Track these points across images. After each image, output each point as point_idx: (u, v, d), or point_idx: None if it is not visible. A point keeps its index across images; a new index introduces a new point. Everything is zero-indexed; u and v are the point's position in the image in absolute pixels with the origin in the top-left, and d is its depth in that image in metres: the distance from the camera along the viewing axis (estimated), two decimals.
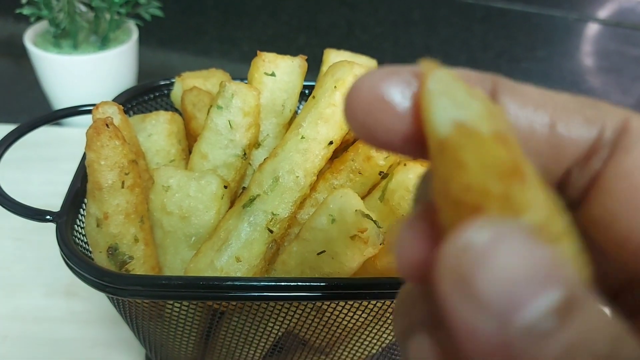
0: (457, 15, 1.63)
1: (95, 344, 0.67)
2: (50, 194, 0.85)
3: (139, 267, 0.50)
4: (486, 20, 1.62)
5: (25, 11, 0.88)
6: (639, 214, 0.21)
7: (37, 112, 1.11)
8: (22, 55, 1.03)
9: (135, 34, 0.97)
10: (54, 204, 0.60)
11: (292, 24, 1.49)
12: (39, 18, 0.94)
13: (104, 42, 0.94)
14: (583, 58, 1.55)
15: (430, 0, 1.65)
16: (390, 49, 1.46)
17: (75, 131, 1.00)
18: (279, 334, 0.52)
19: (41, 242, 0.79)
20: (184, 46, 1.32)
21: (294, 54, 0.62)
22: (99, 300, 0.71)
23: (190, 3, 0.97)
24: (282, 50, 0.62)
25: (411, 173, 0.52)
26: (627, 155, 0.21)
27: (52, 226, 0.74)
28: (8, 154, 0.60)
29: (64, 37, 0.94)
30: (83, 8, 0.91)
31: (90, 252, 0.52)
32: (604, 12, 1.68)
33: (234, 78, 0.69)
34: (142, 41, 1.01)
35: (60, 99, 0.98)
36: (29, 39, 0.95)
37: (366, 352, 0.55)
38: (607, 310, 0.19)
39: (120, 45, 0.94)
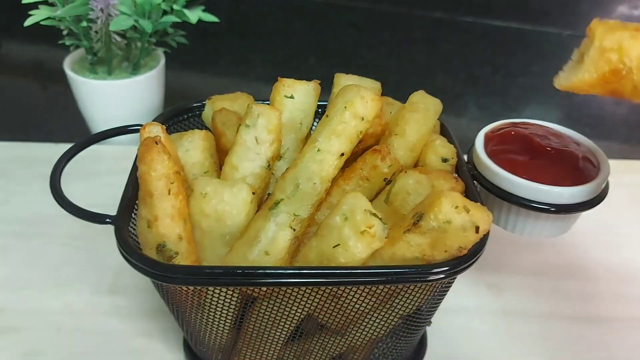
0: (457, 34, 1.73)
1: (138, 335, 0.76)
2: (91, 205, 0.94)
3: (183, 261, 0.59)
4: (484, 38, 1.72)
5: (67, 42, 0.99)
6: None
7: (72, 130, 1.22)
8: (58, 80, 1.13)
9: (162, 60, 1.08)
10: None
11: (302, 46, 1.59)
12: (77, 47, 1.05)
13: (135, 68, 1.05)
14: None
15: (431, 21, 1.75)
16: (394, 67, 1.56)
17: (109, 148, 1.10)
18: (301, 317, 0.61)
19: (85, 247, 0.88)
20: (204, 68, 1.42)
21: (305, 74, 0.71)
22: (139, 297, 0.80)
23: (207, 28, 1.07)
24: (293, 70, 0.71)
25: (411, 179, 0.61)
26: None
27: (93, 233, 0.84)
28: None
29: (99, 63, 1.05)
30: (117, 38, 1.02)
31: (141, 250, 0.62)
32: None
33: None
34: (167, 65, 1.11)
35: (96, 120, 1.08)
36: (67, 66, 1.05)
37: (376, 333, 0.64)
38: None
39: (150, 71, 1.04)
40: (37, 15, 0.91)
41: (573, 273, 0.88)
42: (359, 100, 0.62)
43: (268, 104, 0.68)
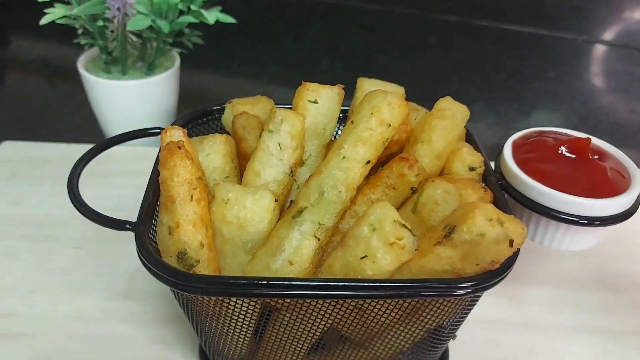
0: (471, 38, 1.72)
1: (152, 342, 0.74)
2: (104, 208, 0.93)
3: (204, 269, 0.58)
4: (499, 43, 1.70)
5: (83, 41, 0.97)
6: None
7: (82, 130, 1.21)
8: (68, 78, 1.12)
9: (177, 61, 1.06)
10: (113, 216, 0.66)
11: (315, 48, 1.58)
12: (91, 46, 1.03)
13: (150, 68, 1.03)
14: (591, 78, 1.62)
15: (445, 24, 1.73)
16: (408, 71, 1.54)
17: (120, 149, 1.08)
18: (324, 329, 0.59)
19: (98, 251, 0.87)
20: (217, 70, 1.41)
21: (318, 76, 0.70)
22: (154, 302, 0.79)
23: (220, 29, 1.06)
24: (306, 73, 0.70)
25: (439, 188, 0.59)
26: None
27: (107, 236, 0.82)
28: (64, 171, 0.66)
29: (114, 63, 1.03)
30: (133, 38, 1.00)
31: (160, 257, 0.60)
32: (611, 34, 1.76)
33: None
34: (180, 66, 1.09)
35: (109, 120, 1.06)
36: (81, 65, 1.04)
37: (400, 346, 0.62)
38: None
39: (165, 71, 1.03)
40: (54, 14, 0.89)
41: (595, 285, 0.86)
42: (386, 106, 0.60)
43: (289, 108, 0.66)
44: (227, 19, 0.97)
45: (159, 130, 0.68)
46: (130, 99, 1.02)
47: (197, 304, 0.58)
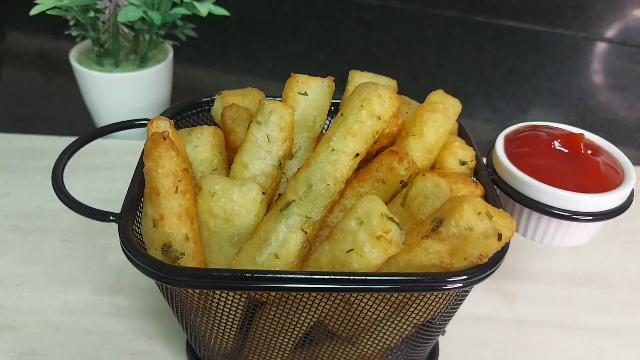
0: (469, 34, 1.70)
1: (140, 336, 0.73)
2: (95, 200, 0.92)
3: (189, 262, 0.57)
4: (497, 39, 1.69)
5: (74, 32, 0.96)
6: None
7: (77, 123, 1.20)
8: (64, 71, 1.11)
9: (170, 53, 1.05)
10: (103, 209, 0.65)
11: (312, 42, 1.57)
12: (83, 38, 1.02)
13: (143, 61, 1.02)
14: (590, 75, 1.61)
15: (443, 20, 1.72)
16: (405, 66, 1.53)
17: (113, 142, 1.07)
18: (311, 324, 0.58)
19: (87, 244, 0.86)
20: (211, 63, 1.40)
21: (314, 71, 0.69)
22: (141, 296, 0.78)
23: (216, 22, 1.05)
24: (302, 67, 0.68)
25: (429, 182, 0.58)
26: None
27: (96, 229, 0.82)
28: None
29: (106, 55, 1.02)
30: (125, 29, 0.99)
31: (145, 250, 0.59)
32: (610, 31, 1.75)
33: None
34: (173, 59, 1.08)
35: (101, 113, 1.05)
36: (73, 57, 1.03)
37: (388, 342, 0.61)
38: None
39: (158, 64, 1.02)
40: (44, 5, 0.88)
41: (588, 282, 0.85)
42: (376, 98, 0.59)
43: (280, 100, 0.66)
44: (220, 11, 0.96)
45: (146, 122, 0.67)
46: (123, 91, 1.01)
47: (182, 297, 0.58)
